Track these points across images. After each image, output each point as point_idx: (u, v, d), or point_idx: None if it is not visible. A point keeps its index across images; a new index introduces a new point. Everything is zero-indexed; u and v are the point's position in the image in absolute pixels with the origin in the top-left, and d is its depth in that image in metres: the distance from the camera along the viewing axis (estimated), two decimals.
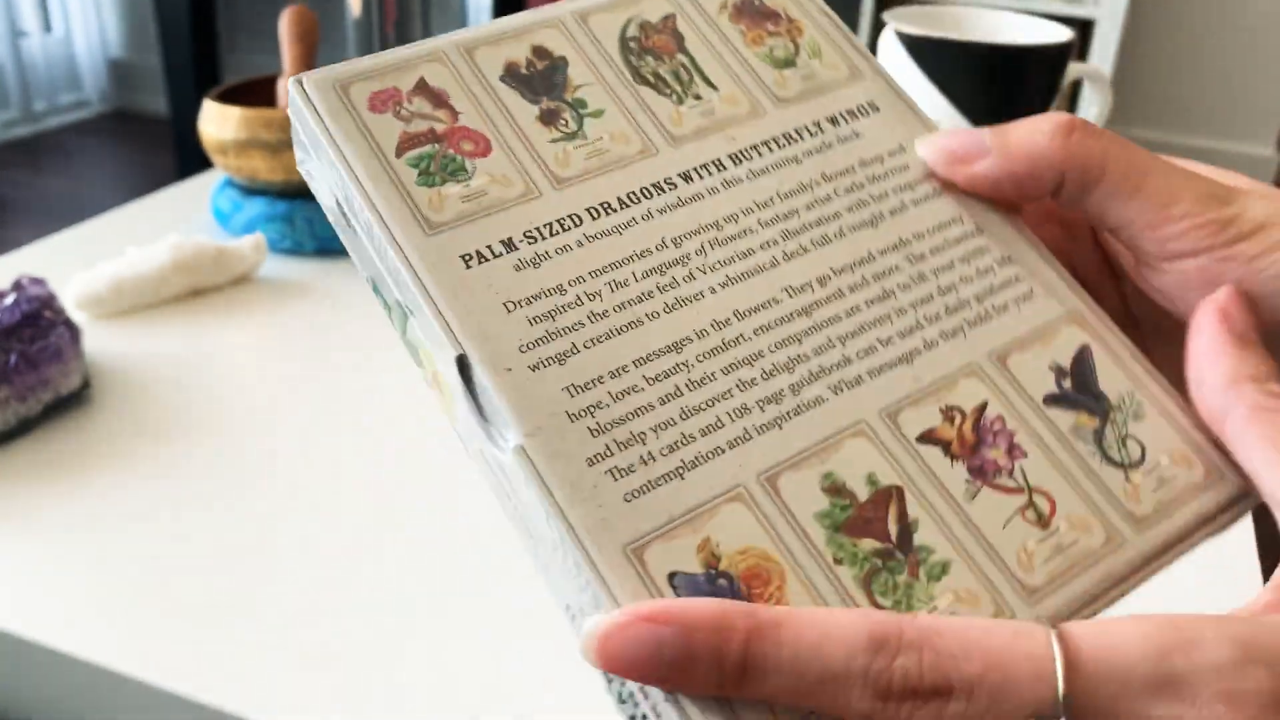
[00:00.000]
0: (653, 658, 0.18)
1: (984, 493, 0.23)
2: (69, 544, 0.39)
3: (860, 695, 0.18)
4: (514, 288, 0.23)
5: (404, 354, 0.53)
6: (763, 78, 0.28)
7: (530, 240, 0.24)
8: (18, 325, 0.45)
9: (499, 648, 0.35)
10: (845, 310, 0.25)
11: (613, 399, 0.22)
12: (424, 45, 0.27)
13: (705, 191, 0.26)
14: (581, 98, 0.27)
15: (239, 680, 0.33)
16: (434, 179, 0.25)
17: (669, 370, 0.23)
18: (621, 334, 0.23)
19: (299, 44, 0.65)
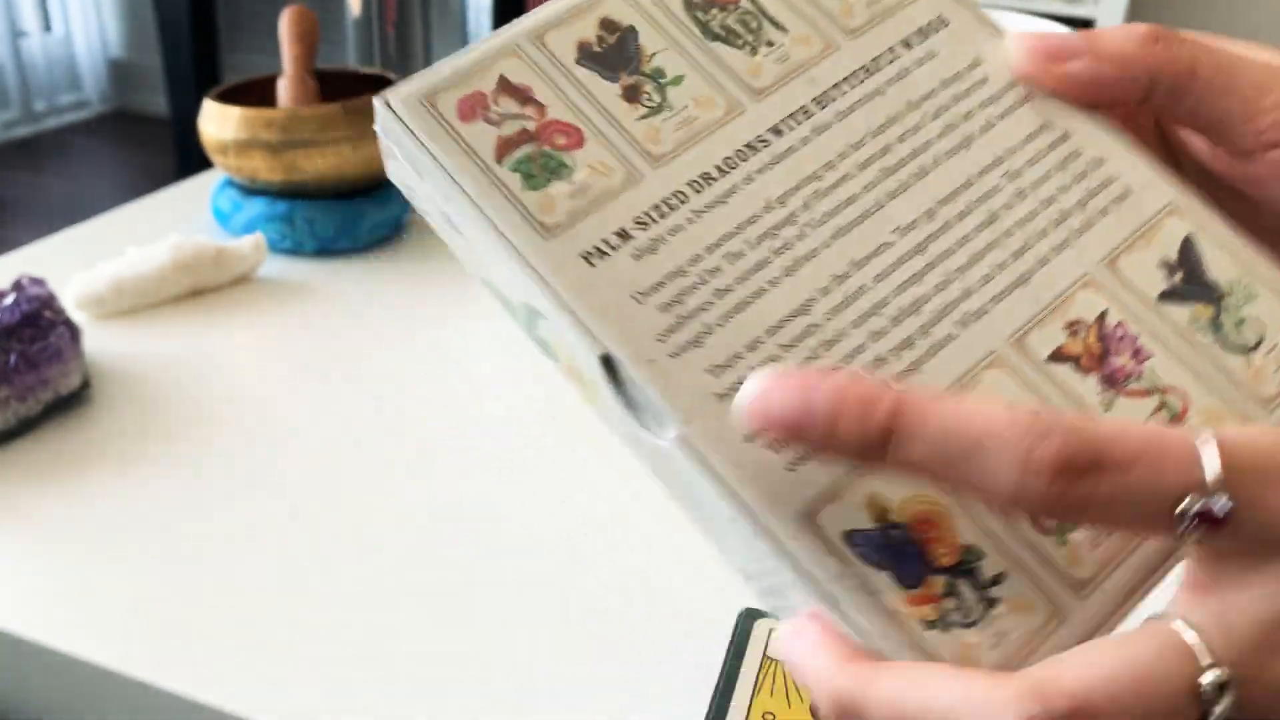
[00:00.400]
0: (804, 413, 0.19)
1: (1118, 401, 0.23)
2: (68, 544, 0.39)
3: (1008, 470, 0.18)
4: (639, 278, 0.24)
5: (405, 354, 0.53)
6: (828, 9, 0.27)
7: (642, 226, 0.25)
8: (18, 325, 0.45)
9: (501, 647, 0.35)
10: (957, 241, 0.25)
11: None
12: (495, 40, 0.27)
13: (798, 142, 0.26)
14: (659, 66, 0.26)
15: (239, 680, 0.33)
16: (538, 181, 0.25)
17: (801, 334, 0.23)
18: (749, 306, 0.24)
19: (299, 44, 0.66)
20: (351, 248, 0.63)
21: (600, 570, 0.38)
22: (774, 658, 0.32)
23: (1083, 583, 0.22)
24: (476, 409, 0.48)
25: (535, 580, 0.38)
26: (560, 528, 0.41)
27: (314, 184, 0.61)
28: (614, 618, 0.36)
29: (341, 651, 0.34)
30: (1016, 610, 0.21)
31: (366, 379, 0.50)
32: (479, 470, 0.44)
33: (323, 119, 0.60)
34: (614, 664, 0.34)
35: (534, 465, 0.44)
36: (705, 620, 0.36)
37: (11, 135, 2.66)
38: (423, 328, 0.55)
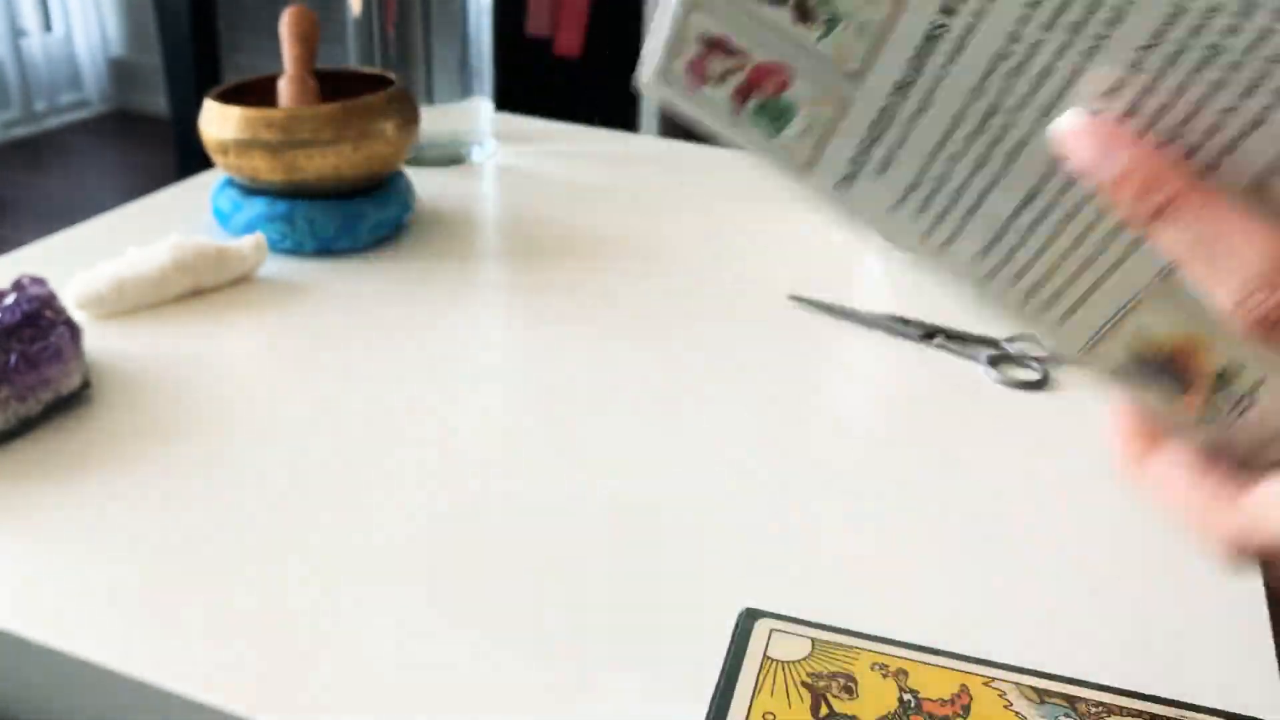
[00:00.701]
0: (1095, 164, 0.23)
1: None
2: (69, 543, 0.39)
3: (1231, 291, 0.22)
4: (884, 194, 0.26)
5: (405, 353, 0.53)
6: None
7: (869, 146, 0.26)
8: (18, 325, 0.45)
9: (501, 646, 0.35)
10: (1172, 94, 0.23)
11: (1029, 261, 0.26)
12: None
13: (972, 17, 0.24)
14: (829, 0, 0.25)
15: (241, 680, 0.33)
16: (775, 127, 0.27)
17: (1036, 218, 0.26)
18: (982, 203, 0.26)
19: (300, 44, 0.66)
20: (352, 247, 0.63)
21: (600, 569, 0.38)
22: (774, 658, 0.32)
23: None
24: (477, 408, 0.48)
25: (535, 579, 0.38)
26: (560, 527, 0.41)
27: (314, 184, 0.61)
28: (614, 617, 0.36)
29: (342, 650, 0.34)
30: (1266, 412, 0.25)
31: (367, 378, 0.50)
32: (479, 470, 0.44)
33: (323, 119, 0.60)
34: (613, 663, 0.34)
35: (534, 465, 0.44)
36: (705, 620, 0.36)
37: (12, 135, 2.66)
38: (423, 327, 0.55)
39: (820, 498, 0.43)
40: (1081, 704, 0.31)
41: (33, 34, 2.71)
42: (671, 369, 0.52)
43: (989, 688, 0.31)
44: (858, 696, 0.30)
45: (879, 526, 0.41)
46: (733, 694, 0.31)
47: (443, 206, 0.71)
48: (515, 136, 0.85)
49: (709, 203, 0.73)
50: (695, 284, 0.61)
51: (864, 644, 0.33)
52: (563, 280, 0.61)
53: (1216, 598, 0.38)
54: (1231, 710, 0.31)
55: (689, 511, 0.42)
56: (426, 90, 0.77)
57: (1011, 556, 0.40)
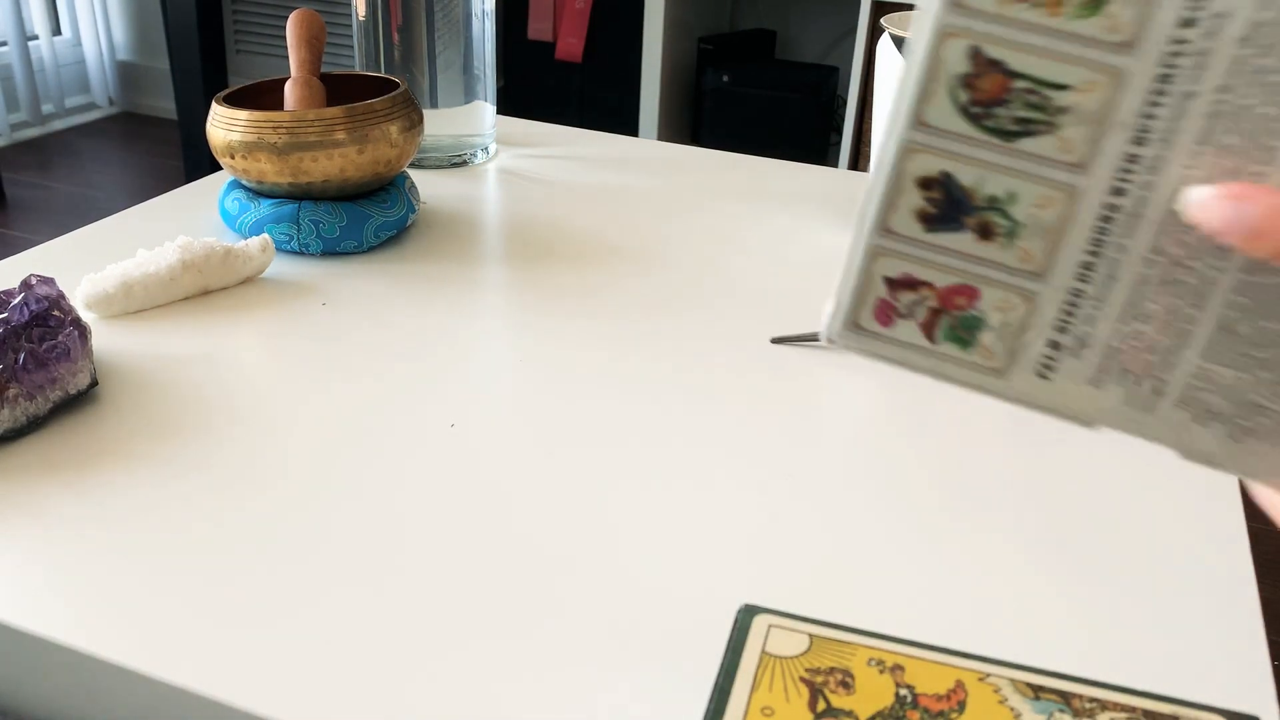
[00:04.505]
0: (1234, 222, 0.25)
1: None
2: (77, 541, 0.39)
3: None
4: (1084, 369, 0.29)
5: (410, 354, 0.53)
6: (1091, 36, 0.25)
7: (1062, 331, 0.28)
8: (27, 324, 0.46)
9: (500, 645, 0.35)
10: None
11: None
12: (856, 249, 0.29)
13: (1141, 189, 0.26)
14: (989, 194, 0.28)
15: (248, 676, 0.34)
16: (968, 340, 0.29)
17: (1229, 345, 0.27)
18: (1182, 348, 0.28)
19: (306, 47, 0.66)
20: (357, 249, 0.64)
21: (599, 567, 0.39)
22: (772, 654, 0.32)
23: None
24: (480, 409, 0.49)
25: (534, 577, 0.38)
26: (560, 525, 0.41)
27: (320, 186, 0.62)
28: (613, 614, 0.37)
29: (344, 647, 0.35)
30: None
31: (372, 378, 0.51)
32: (481, 470, 0.44)
33: (329, 122, 0.60)
34: (613, 660, 0.35)
35: (534, 465, 0.45)
36: (704, 617, 0.36)
37: (21, 137, 2.67)
38: (427, 327, 0.56)
39: (819, 495, 0.43)
40: (1075, 699, 0.31)
41: (41, 37, 2.72)
42: (672, 369, 0.52)
43: (984, 683, 0.31)
44: (855, 691, 0.31)
45: (877, 524, 0.42)
46: (731, 689, 0.31)
47: (446, 208, 0.72)
48: (517, 139, 0.85)
49: (709, 204, 0.74)
50: (697, 284, 0.62)
51: (861, 640, 0.33)
52: (564, 282, 0.61)
53: (1210, 593, 0.38)
54: (1224, 706, 0.32)
55: (688, 508, 0.42)
56: (430, 94, 0.77)
57: (1008, 554, 0.40)
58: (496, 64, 0.81)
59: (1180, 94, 0.25)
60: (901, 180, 0.28)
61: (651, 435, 0.47)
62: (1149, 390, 0.28)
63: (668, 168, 0.80)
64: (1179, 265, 0.27)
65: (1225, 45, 0.25)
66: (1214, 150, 0.25)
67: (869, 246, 0.29)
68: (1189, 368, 0.28)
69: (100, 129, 2.79)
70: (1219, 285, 0.27)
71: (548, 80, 2.35)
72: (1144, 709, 0.31)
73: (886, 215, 0.28)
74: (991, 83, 0.26)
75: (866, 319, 0.29)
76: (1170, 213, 0.26)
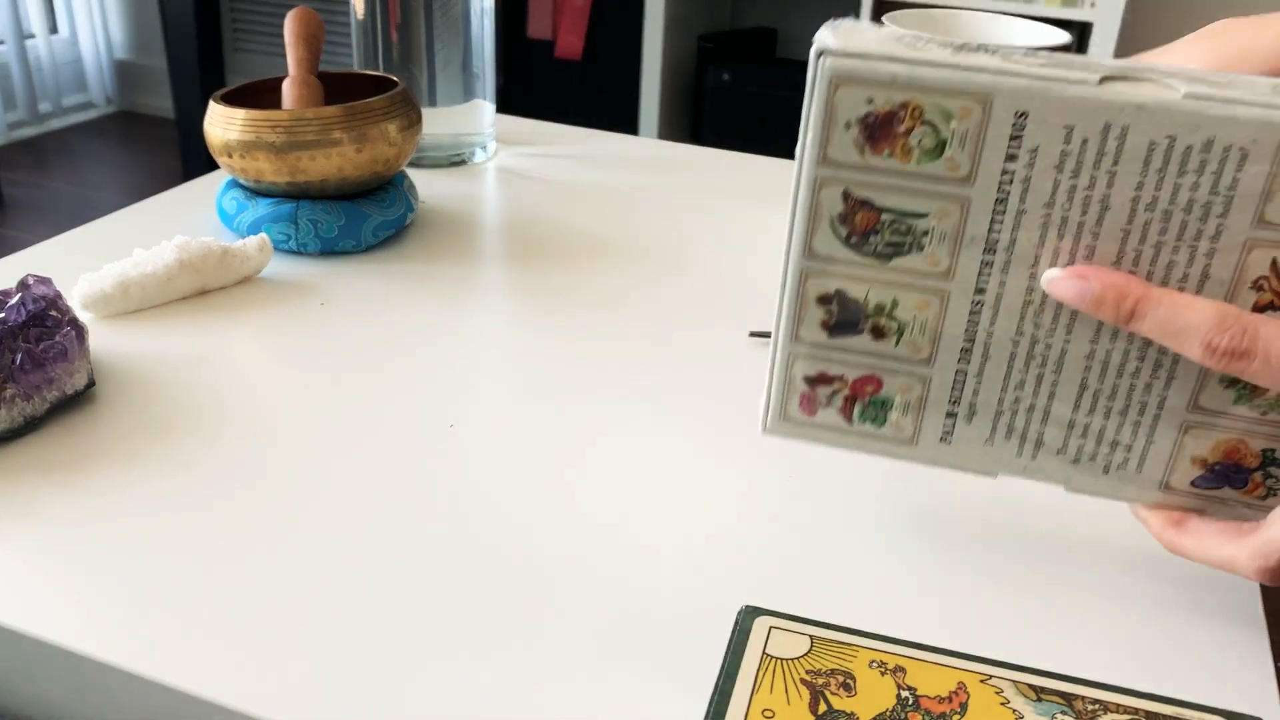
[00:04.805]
0: (1080, 296, 0.31)
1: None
2: (74, 542, 0.39)
3: (1198, 345, 0.30)
4: (978, 433, 0.35)
5: (408, 353, 0.53)
6: (937, 174, 0.31)
7: (955, 403, 0.35)
8: (24, 324, 0.45)
9: (500, 645, 0.35)
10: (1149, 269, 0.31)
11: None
12: (778, 356, 0.35)
13: (997, 287, 0.32)
14: (877, 303, 0.33)
15: (246, 677, 0.33)
16: (880, 419, 0.36)
17: (1092, 397, 0.33)
18: (1050, 408, 0.34)
19: (304, 45, 0.66)
20: (355, 248, 0.64)
21: (599, 568, 0.39)
22: (773, 655, 0.32)
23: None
24: (479, 408, 0.49)
25: (534, 578, 0.38)
26: (560, 526, 0.41)
27: (318, 185, 0.62)
28: (613, 615, 0.36)
29: (344, 648, 0.35)
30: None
31: (370, 378, 0.51)
32: (480, 470, 0.44)
33: (327, 121, 0.60)
34: (613, 661, 0.34)
35: (534, 464, 0.45)
36: (705, 618, 0.36)
37: (18, 136, 2.67)
38: (426, 327, 0.56)
39: (820, 495, 0.43)
40: (1078, 701, 0.31)
41: (38, 36, 2.72)
42: (673, 368, 0.52)
43: (986, 685, 0.31)
44: (856, 693, 0.31)
45: (878, 525, 0.42)
46: (732, 691, 0.31)
47: (445, 208, 0.71)
48: (516, 138, 0.85)
49: (709, 204, 0.74)
50: (697, 284, 0.62)
51: (862, 641, 0.33)
52: (563, 281, 0.61)
53: (1212, 594, 0.38)
54: (1227, 707, 0.32)
55: (689, 509, 0.42)
56: (429, 92, 0.77)
57: (1009, 555, 0.40)
58: (496, 62, 0.81)
59: (1015, 212, 0.31)
60: (804, 299, 0.33)
61: (652, 435, 0.47)
62: (1032, 443, 0.34)
63: (668, 166, 0.80)
64: (1037, 342, 0.32)
65: (1042, 173, 0.30)
66: (1049, 253, 0.31)
67: (786, 355, 0.34)
68: (1060, 420, 0.33)
69: (97, 128, 2.79)
70: (1070, 354, 0.32)
71: (547, 79, 2.35)
72: (1146, 710, 0.31)
73: (796, 327, 0.34)
74: (863, 218, 0.32)
75: (794, 411, 0.35)
76: (1025, 302, 0.32)
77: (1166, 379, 0.32)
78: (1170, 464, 0.34)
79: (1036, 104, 0.29)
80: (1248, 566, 0.32)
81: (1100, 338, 0.32)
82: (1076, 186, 0.30)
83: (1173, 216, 0.30)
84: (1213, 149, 0.29)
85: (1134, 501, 0.35)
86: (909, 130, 0.30)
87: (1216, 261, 0.30)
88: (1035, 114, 0.29)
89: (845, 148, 0.31)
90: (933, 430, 0.34)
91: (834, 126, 0.30)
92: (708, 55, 2.23)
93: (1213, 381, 0.32)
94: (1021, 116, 0.29)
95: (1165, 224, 0.30)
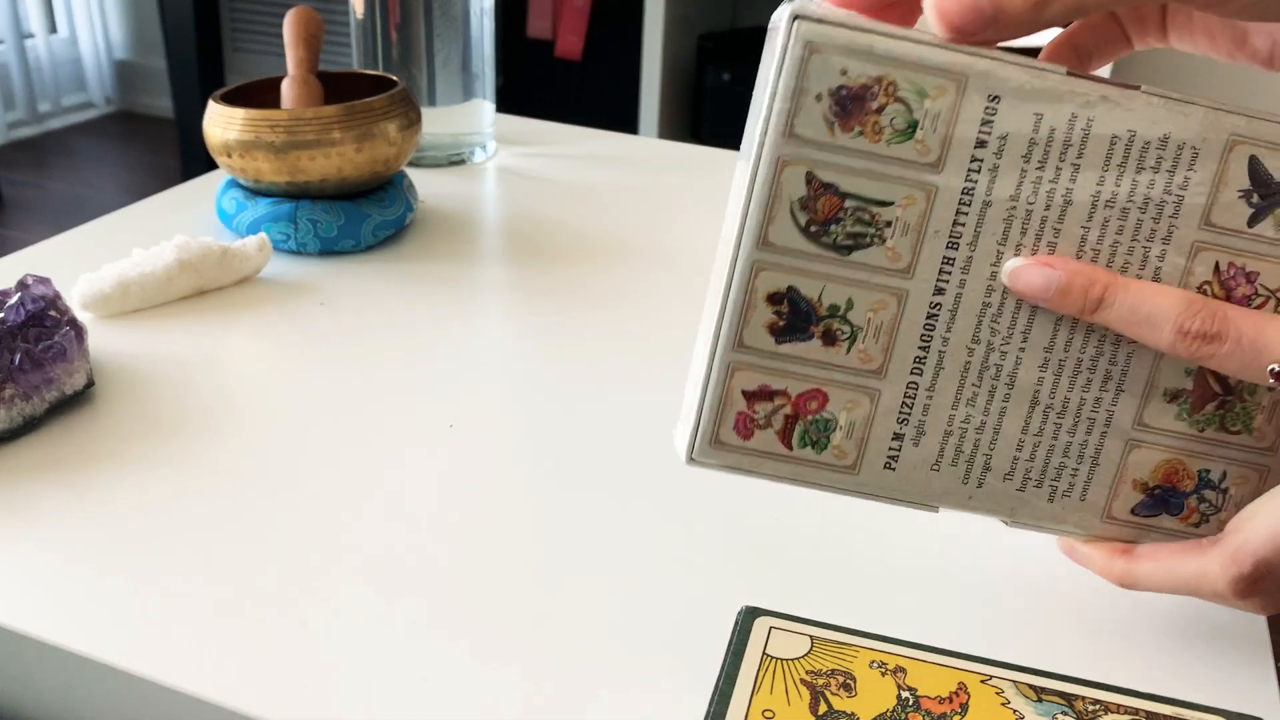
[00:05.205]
0: (1046, 284, 0.30)
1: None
2: (73, 542, 0.39)
3: (1169, 330, 0.29)
4: (925, 456, 0.33)
5: (407, 353, 0.53)
6: (907, 158, 0.30)
7: (903, 424, 0.32)
8: (23, 324, 0.45)
9: (499, 645, 0.35)
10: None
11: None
12: (714, 368, 0.31)
13: (957, 287, 0.31)
14: (832, 303, 0.31)
15: (246, 678, 0.33)
16: (822, 443, 0.33)
17: (1042, 420, 0.32)
18: (1001, 427, 0.32)
19: (303, 45, 0.66)
20: (355, 248, 0.64)
21: (599, 568, 0.39)
22: (773, 656, 0.32)
23: (1267, 448, 0.33)
24: (478, 407, 0.49)
25: (534, 578, 0.38)
26: (559, 526, 0.41)
27: (317, 185, 0.62)
28: (613, 615, 0.36)
29: (345, 649, 0.35)
30: (1239, 484, 0.33)
31: (370, 378, 0.51)
32: (480, 469, 0.44)
33: (326, 120, 0.60)
34: (613, 661, 0.34)
35: (534, 464, 0.45)
36: (705, 618, 0.36)
37: (17, 136, 2.67)
38: (425, 327, 0.55)
39: (820, 496, 0.43)
40: (1078, 701, 0.31)
41: (38, 36, 2.72)
42: (673, 368, 0.52)
43: (986, 685, 0.31)
44: (856, 694, 0.31)
45: (878, 525, 0.41)
46: (732, 691, 0.31)
47: (444, 207, 0.71)
48: (516, 138, 0.85)
49: (709, 203, 0.73)
50: (698, 283, 0.62)
51: (863, 642, 0.33)
52: (563, 281, 0.61)
53: None
54: (1228, 708, 0.32)
55: (689, 509, 0.42)
56: (428, 92, 0.77)
57: (1010, 555, 0.40)
58: (496, 62, 0.81)
59: (980, 204, 0.30)
60: (753, 297, 0.31)
61: (652, 434, 0.47)
62: (980, 467, 0.32)
63: (668, 166, 0.80)
64: (993, 350, 0.31)
65: (1009, 162, 0.29)
66: (1011, 250, 0.30)
67: (726, 363, 0.31)
68: (1010, 439, 0.32)
69: (97, 128, 2.79)
70: (1024, 364, 0.31)
71: (547, 78, 2.34)
72: (1147, 710, 0.31)
73: (740, 331, 0.31)
74: (826, 203, 0.30)
75: (727, 433, 0.32)
76: (983, 304, 0.31)
77: (1115, 392, 0.32)
78: (1113, 488, 0.33)
79: (1009, 88, 0.29)
80: (1220, 577, 0.30)
81: (1054, 346, 0.31)
82: (1042, 179, 0.30)
83: (1129, 215, 0.30)
84: (1168, 145, 0.29)
85: (1076, 532, 0.34)
86: (881, 108, 0.29)
87: (1167, 263, 0.30)
88: (1007, 98, 0.29)
89: (814, 122, 0.29)
90: (877, 454, 0.32)
91: (804, 97, 0.28)
92: (708, 55, 2.23)
93: (1157, 395, 0.32)
94: (994, 100, 0.29)
95: (1123, 222, 0.30)
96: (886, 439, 0.32)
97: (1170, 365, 0.32)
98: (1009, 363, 0.31)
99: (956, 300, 0.31)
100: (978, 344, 0.31)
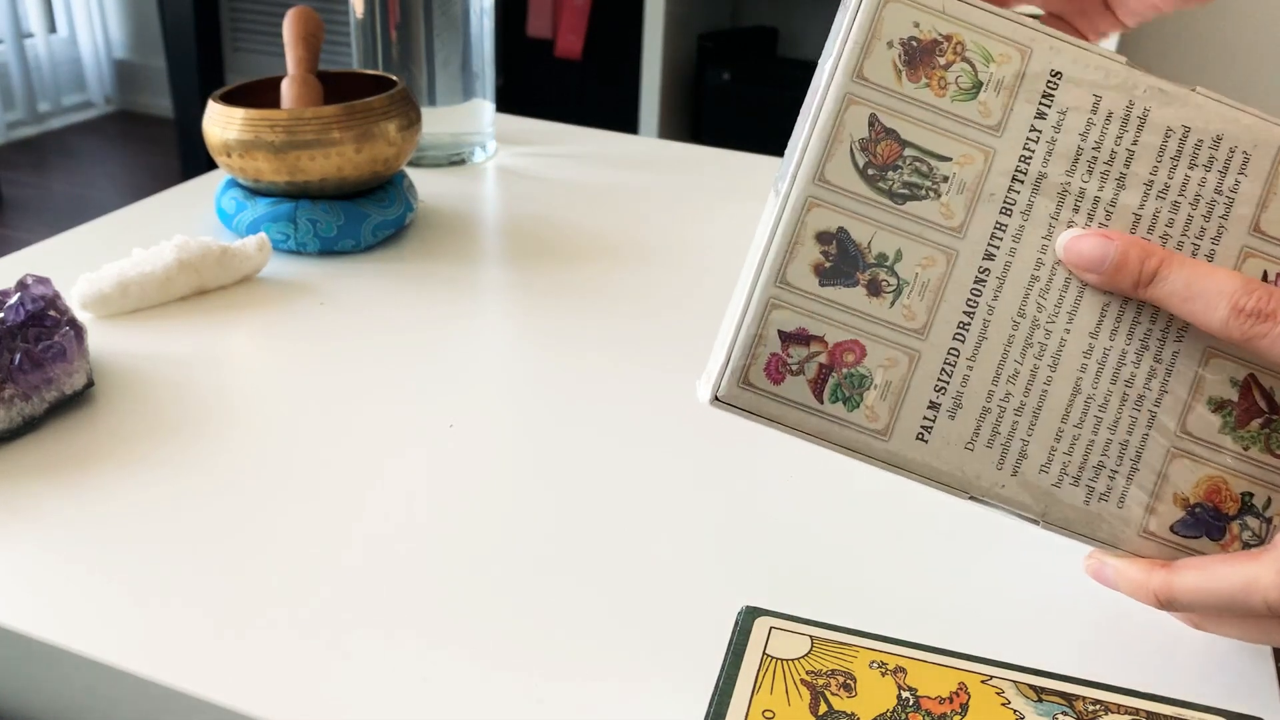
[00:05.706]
0: (1104, 255, 0.30)
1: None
2: (73, 542, 0.39)
3: (1224, 306, 0.29)
4: (960, 432, 0.32)
5: (407, 353, 0.53)
6: (969, 117, 0.30)
7: (940, 392, 0.31)
8: (23, 324, 0.45)
9: (499, 645, 0.35)
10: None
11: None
12: (752, 300, 0.31)
13: (1008, 255, 0.30)
14: (880, 251, 0.30)
15: (246, 677, 0.33)
16: (854, 400, 0.31)
17: (1083, 410, 0.31)
18: (1041, 409, 0.31)
19: (303, 44, 0.66)
20: (354, 248, 0.64)
21: (599, 568, 0.39)
22: (773, 656, 0.32)
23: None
24: (478, 407, 0.49)
25: (534, 578, 0.38)
26: (559, 526, 0.41)
27: (317, 184, 0.61)
28: (613, 615, 0.36)
29: (344, 647, 0.35)
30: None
31: (370, 378, 0.51)
32: (480, 470, 0.44)
33: (326, 120, 0.60)
34: (613, 661, 0.34)
35: (534, 464, 0.45)
36: (705, 618, 0.36)
37: (16, 135, 2.66)
38: (425, 327, 0.55)
39: (820, 495, 0.43)
40: (1079, 701, 0.31)
41: (37, 35, 2.71)
42: (672, 367, 0.52)
43: (987, 685, 0.31)
44: (856, 694, 0.31)
45: (878, 525, 0.41)
46: (732, 691, 0.31)
47: (444, 207, 0.71)
48: (516, 138, 0.85)
49: (710, 203, 0.73)
50: (698, 283, 0.61)
51: (863, 642, 0.33)
52: (563, 280, 0.61)
53: None
54: (1228, 708, 0.32)
55: (689, 509, 0.42)
56: (428, 91, 0.77)
57: (1010, 555, 0.40)
58: (495, 61, 0.81)
59: (1036, 174, 0.30)
60: (802, 232, 0.30)
61: (651, 434, 0.47)
62: (1016, 453, 0.31)
63: (668, 166, 0.80)
64: (1037, 327, 0.31)
65: (1067, 137, 0.30)
66: (1064, 225, 0.30)
67: (767, 299, 0.30)
68: (1049, 428, 0.31)
69: (96, 127, 2.79)
70: (1068, 347, 0.31)
71: (547, 78, 2.34)
72: (1147, 710, 0.31)
73: (785, 267, 0.30)
74: (886, 148, 0.30)
75: (757, 374, 0.31)
76: (1032, 276, 0.30)
77: (1159, 391, 0.31)
78: (1153, 499, 0.32)
79: (1071, 66, 0.30)
80: (1274, 585, 0.29)
81: (1100, 332, 0.31)
82: (1098, 159, 0.30)
83: (1180, 208, 0.30)
84: (1220, 146, 0.30)
85: (1109, 545, 0.32)
86: (949, 64, 0.30)
87: (1215, 262, 0.31)
88: (1069, 76, 0.30)
89: (883, 67, 0.30)
90: (910, 422, 0.31)
91: (875, 43, 0.30)
92: (708, 55, 2.23)
93: (1202, 402, 0.31)
94: (1056, 75, 0.30)
95: (1174, 215, 0.30)
96: (922, 407, 0.31)
97: (1217, 369, 0.31)
98: (1053, 343, 0.30)
99: (1005, 269, 0.30)
100: (1023, 318, 0.30)
